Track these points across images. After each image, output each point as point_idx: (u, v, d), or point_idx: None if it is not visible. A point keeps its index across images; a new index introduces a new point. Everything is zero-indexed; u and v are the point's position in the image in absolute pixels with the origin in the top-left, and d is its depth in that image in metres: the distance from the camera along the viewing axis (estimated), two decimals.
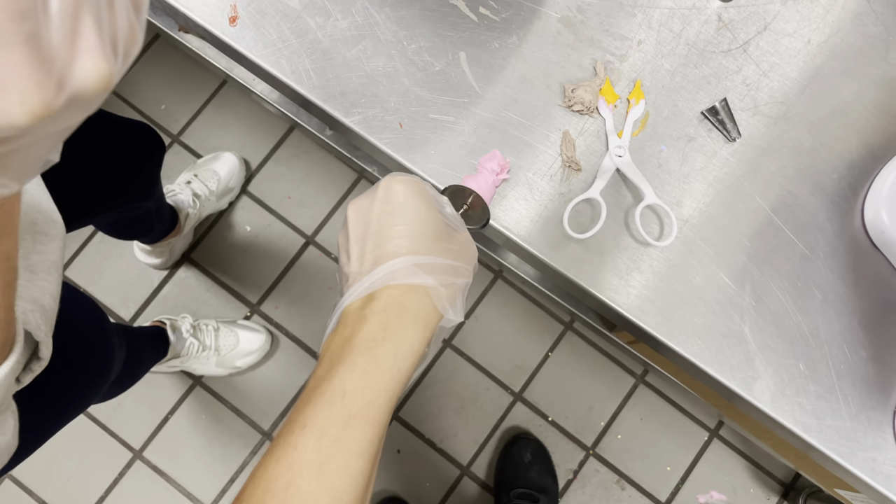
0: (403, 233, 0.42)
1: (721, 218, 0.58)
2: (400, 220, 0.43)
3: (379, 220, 0.43)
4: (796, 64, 0.60)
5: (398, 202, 0.43)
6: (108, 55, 0.22)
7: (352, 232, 0.45)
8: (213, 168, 1.54)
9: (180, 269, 1.58)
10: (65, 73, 0.21)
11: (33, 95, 0.20)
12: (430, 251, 0.42)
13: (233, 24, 0.58)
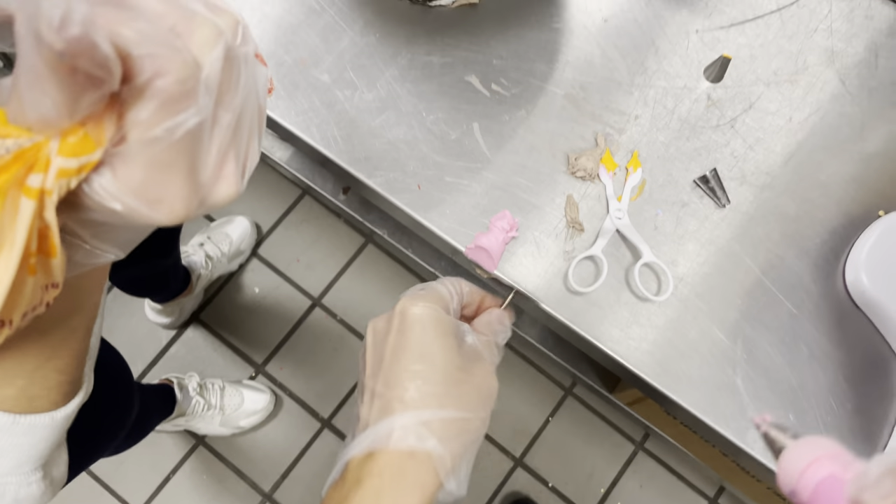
0: (413, 377, 0.41)
1: (714, 277, 0.62)
2: (411, 359, 0.42)
3: (392, 355, 0.42)
4: (779, 139, 0.66)
5: (413, 337, 0.42)
6: (239, 179, 0.28)
7: (368, 359, 0.45)
8: (226, 231, 1.60)
9: (189, 329, 1.62)
10: (207, 194, 0.27)
11: (178, 209, 0.26)
12: (439, 402, 0.41)
13: (269, 95, 0.64)
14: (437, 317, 0.43)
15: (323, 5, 0.67)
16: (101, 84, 0.22)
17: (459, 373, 0.42)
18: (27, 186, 0.23)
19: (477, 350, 0.45)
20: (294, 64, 0.65)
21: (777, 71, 0.67)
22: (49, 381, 0.37)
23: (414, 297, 0.44)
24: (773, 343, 0.61)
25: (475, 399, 0.42)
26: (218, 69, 0.25)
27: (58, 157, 0.23)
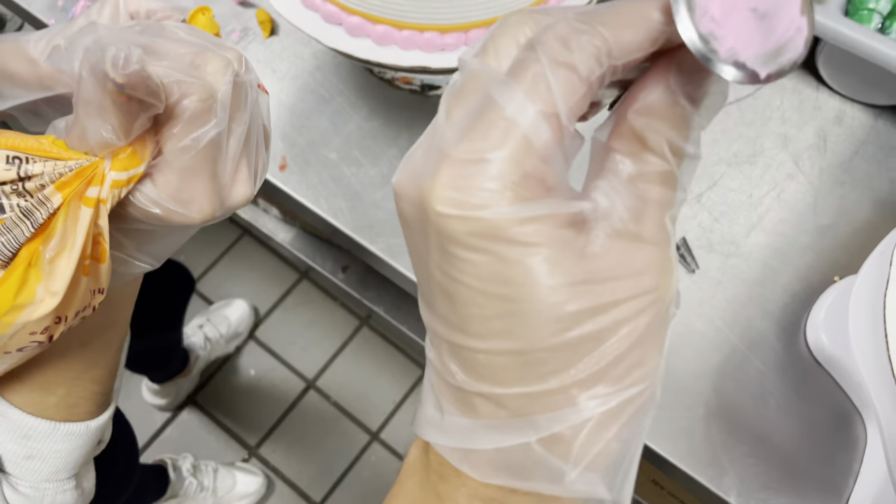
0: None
1: (687, 335, 0.68)
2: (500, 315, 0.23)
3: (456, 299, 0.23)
4: (741, 213, 0.73)
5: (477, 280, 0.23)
6: (252, 183, 0.37)
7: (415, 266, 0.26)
8: (225, 314, 1.65)
9: (184, 412, 1.64)
10: (226, 195, 0.35)
11: (206, 207, 0.34)
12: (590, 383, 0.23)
13: (282, 171, 0.72)
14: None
15: (332, 93, 0.75)
16: (151, 108, 0.30)
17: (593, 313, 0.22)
18: (86, 197, 0.30)
19: (621, 232, 0.23)
20: (306, 144, 0.73)
21: (737, 153, 0.76)
22: (86, 391, 0.42)
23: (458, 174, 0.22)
24: (742, 396, 0.66)
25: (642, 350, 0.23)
26: (229, 91, 0.34)
27: (111, 172, 0.30)
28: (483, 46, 0.24)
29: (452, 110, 0.23)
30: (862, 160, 0.76)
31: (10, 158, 0.30)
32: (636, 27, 0.22)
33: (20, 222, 0.30)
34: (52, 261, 0.30)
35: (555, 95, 0.21)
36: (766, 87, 0.79)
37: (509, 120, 0.21)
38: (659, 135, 0.23)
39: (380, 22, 0.60)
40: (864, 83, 0.77)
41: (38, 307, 0.31)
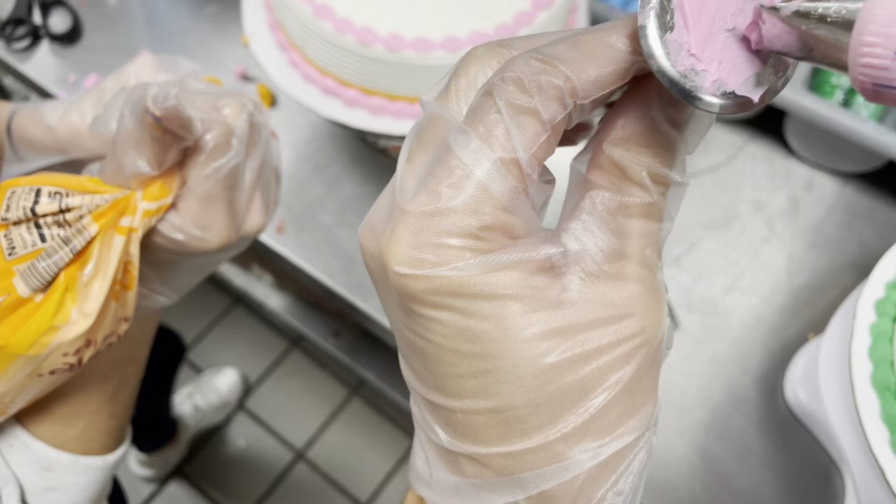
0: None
1: (670, 391, 0.70)
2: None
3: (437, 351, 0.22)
4: (719, 274, 0.76)
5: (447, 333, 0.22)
6: (264, 213, 0.41)
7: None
8: (215, 383, 1.65)
9: (171, 483, 1.61)
10: (241, 223, 0.39)
11: (224, 232, 0.38)
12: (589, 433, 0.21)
13: (280, 233, 0.75)
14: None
15: (328, 161, 0.79)
16: (182, 140, 0.34)
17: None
18: (119, 226, 0.34)
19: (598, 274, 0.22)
20: (302, 209, 0.76)
21: (713, 218, 0.79)
22: (105, 424, 0.44)
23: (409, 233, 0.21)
24: (725, 451, 0.68)
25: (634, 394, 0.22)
26: (245, 128, 0.39)
27: (142, 202, 0.34)
28: (445, 86, 0.23)
29: (413, 156, 0.22)
30: (832, 224, 0.80)
31: (52, 193, 0.33)
32: (601, 62, 0.21)
33: (60, 249, 0.33)
34: (87, 284, 0.33)
35: (515, 143, 0.20)
36: (739, 155, 0.84)
37: (467, 170, 0.20)
38: (640, 164, 0.21)
39: (374, 94, 0.64)
40: (831, 152, 0.82)
41: (72, 328, 0.33)
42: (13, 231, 0.33)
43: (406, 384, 0.24)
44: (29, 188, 0.34)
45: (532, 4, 0.63)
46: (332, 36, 0.60)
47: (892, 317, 0.56)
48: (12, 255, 0.33)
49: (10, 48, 0.85)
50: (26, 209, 0.33)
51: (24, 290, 0.33)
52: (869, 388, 0.54)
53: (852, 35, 0.17)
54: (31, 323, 0.33)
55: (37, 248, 0.33)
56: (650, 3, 0.19)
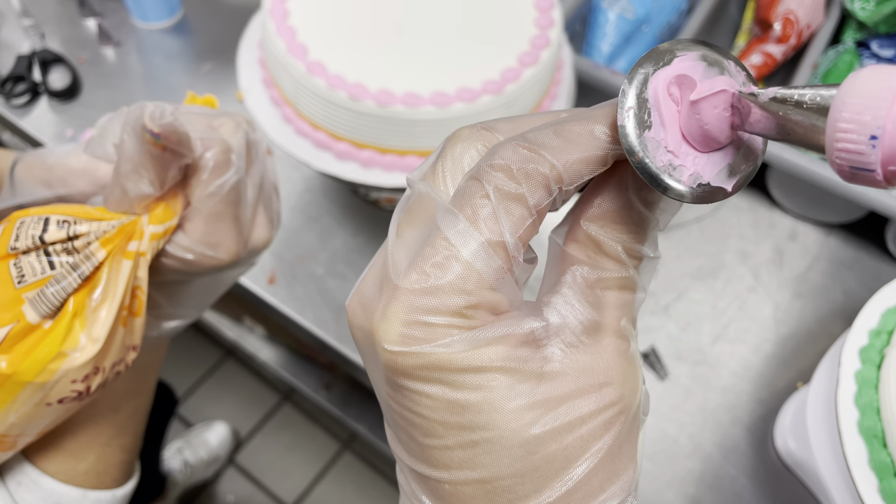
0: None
1: (660, 441, 0.70)
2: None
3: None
4: (706, 322, 0.77)
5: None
6: (269, 226, 0.43)
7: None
8: (205, 437, 1.63)
9: None
10: (248, 237, 0.40)
11: (232, 248, 0.39)
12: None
13: (271, 284, 0.75)
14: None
15: (320, 213, 0.80)
16: (182, 157, 0.35)
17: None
18: (127, 251, 0.34)
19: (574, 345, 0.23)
20: (294, 260, 0.77)
21: (699, 267, 0.81)
22: (114, 458, 0.44)
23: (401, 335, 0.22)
24: (717, 501, 0.67)
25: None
26: (242, 145, 0.40)
27: (149, 226, 0.35)
28: (432, 166, 0.24)
29: (402, 230, 0.23)
30: (817, 274, 0.81)
31: (61, 222, 0.34)
32: (585, 151, 0.22)
33: (68, 274, 0.34)
34: (95, 309, 0.34)
35: (502, 227, 0.21)
36: (724, 206, 0.85)
37: (454, 250, 0.21)
38: (615, 240, 0.23)
39: (365, 147, 0.66)
40: (813, 203, 0.83)
41: (80, 354, 0.34)
42: (23, 260, 0.34)
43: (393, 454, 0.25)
44: (38, 217, 0.34)
45: (518, 61, 0.65)
46: (325, 92, 0.62)
47: (876, 364, 0.57)
48: (22, 283, 0.34)
49: (10, 104, 0.87)
50: (35, 237, 0.34)
51: (33, 316, 0.33)
52: (856, 436, 0.55)
53: (827, 122, 0.18)
54: (39, 349, 0.33)
55: (46, 276, 0.34)
56: (628, 103, 0.21)
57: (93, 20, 0.96)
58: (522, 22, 0.68)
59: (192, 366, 1.75)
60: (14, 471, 0.41)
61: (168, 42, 0.95)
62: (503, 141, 0.22)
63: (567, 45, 0.76)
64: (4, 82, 0.88)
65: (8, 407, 0.35)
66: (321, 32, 0.65)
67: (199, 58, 0.94)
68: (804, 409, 0.69)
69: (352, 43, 0.65)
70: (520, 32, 0.67)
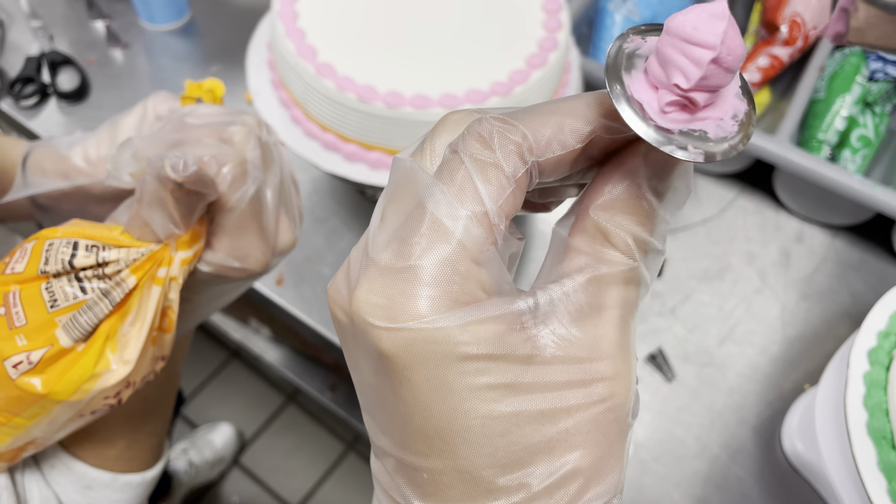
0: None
1: (668, 443, 0.70)
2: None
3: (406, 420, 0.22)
4: (713, 324, 0.77)
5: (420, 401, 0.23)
6: (293, 228, 0.43)
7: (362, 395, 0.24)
8: (210, 438, 1.63)
9: None
10: (274, 243, 0.40)
11: (261, 258, 0.40)
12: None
13: (279, 285, 0.76)
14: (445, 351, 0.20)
15: (328, 214, 0.81)
16: (206, 197, 0.35)
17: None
18: (157, 277, 0.34)
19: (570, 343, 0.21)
20: (302, 261, 0.78)
21: (706, 269, 0.81)
22: (143, 443, 0.45)
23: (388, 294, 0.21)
24: (724, 503, 0.68)
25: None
26: (257, 154, 0.39)
27: (178, 252, 0.35)
28: (420, 145, 0.24)
29: (386, 212, 0.22)
30: (823, 275, 0.81)
31: (89, 247, 0.34)
32: (557, 124, 0.22)
33: (100, 301, 0.34)
34: (126, 334, 0.34)
35: (482, 194, 0.21)
36: (730, 209, 0.85)
37: (438, 222, 0.20)
38: (624, 230, 0.22)
39: (373, 149, 0.66)
40: (820, 206, 0.83)
41: (112, 375, 0.35)
42: (54, 284, 0.34)
43: (370, 438, 0.24)
44: (66, 241, 0.35)
45: (527, 63, 0.65)
46: (334, 93, 0.62)
47: (885, 365, 0.57)
48: (54, 308, 0.34)
49: (19, 105, 0.87)
50: (64, 262, 0.34)
51: (66, 341, 0.34)
52: (865, 438, 0.55)
53: None
54: (73, 371, 0.34)
55: (78, 301, 0.34)
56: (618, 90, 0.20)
57: (101, 22, 0.96)
58: (530, 24, 0.68)
59: (197, 367, 1.75)
60: (47, 456, 0.43)
61: (176, 44, 0.96)
62: (482, 117, 0.22)
63: (575, 48, 0.76)
64: (13, 84, 0.88)
65: (40, 419, 0.35)
66: (330, 34, 0.65)
67: (207, 59, 0.94)
68: (812, 411, 0.69)
69: (361, 45, 0.65)
70: (528, 35, 0.67)
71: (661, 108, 0.20)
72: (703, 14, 0.18)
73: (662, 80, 0.20)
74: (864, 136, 0.82)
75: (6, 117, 0.89)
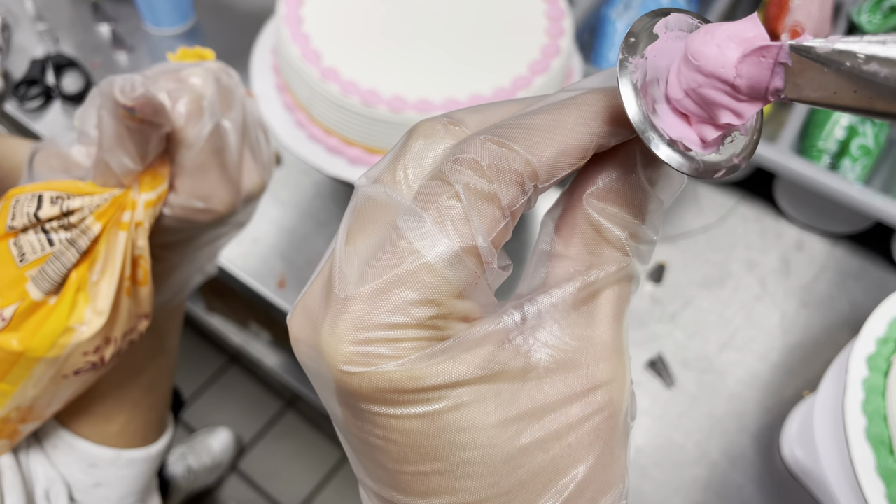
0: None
1: (667, 448, 0.70)
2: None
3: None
4: (713, 331, 0.77)
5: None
6: (259, 171, 0.42)
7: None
8: (208, 443, 1.63)
9: None
10: (239, 184, 0.40)
11: (225, 197, 0.40)
12: None
13: (281, 288, 0.76)
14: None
15: (330, 217, 0.81)
16: (160, 127, 0.36)
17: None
18: (122, 222, 0.35)
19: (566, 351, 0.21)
20: (304, 264, 0.78)
21: (706, 276, 0.81)
22: (144, 418, 0.45)
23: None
24: None
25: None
26: (213, 92, 0.39)
27: (141, 194, 0.35)
28: (389, 166, 0.21)
29: (354, 236, 0.20)
30: (823, 283, 0.81)
31: (54, 199, 0.34)
32: (560, 144, 0.20)
33: (67, 250, 0.34)
34: (96, 283, 0.35)
35: (474, 229, 0.19)
36: (730, 216, 0.86)
37: (418, 255, 0.18)
38: (617, 222, 0.21)
39: (377, 153, 0.66)
40: (820, 214, 0.84)
41: (87, 327, 0.35)
42: (22, 238, 0.35)
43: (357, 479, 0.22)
44: (31, 195, 0.35)
45: (529, 69, 0.65)
46: (338, 97, 0.63)
47: (883, 371, 0.57)
48: (23, 262, 0.34)
49: (24, 107, 0.88)
50: (30, 215, 0.34)
51: (37, 294, 0.34)
52: (864, 443, 0.55)
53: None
54: (47, 326, 0.34)
55: (46, 253, 0.34)
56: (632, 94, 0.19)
57: (106, 25, 0.97)
58: (533, 31, 0.68)
59: (196, 372, 1.75)
60: (49, 436, 0.43)
61: (180, 48, 0.96)
62: (471, 136, 0.20)
63: (577, 55, 0.76)
64: (18, 86, 0.88)
65: (25, 382, 0.36)
66: (335, 39, 0.66)
67: None
68: (811, 417, 0.69)
69: (365, 50, 0.66)
70: (531, 41, 0.68)
71: (705, 142, 0.19)
72: (739, 50, 0.17)
73: (702, 116, 0.19)
74: (863, 146, 0.83)
75: (10, 119, 0.89)
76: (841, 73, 0.16)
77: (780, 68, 0.17)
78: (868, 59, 0.15)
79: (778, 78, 0.17)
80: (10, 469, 0.40)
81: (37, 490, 0.41)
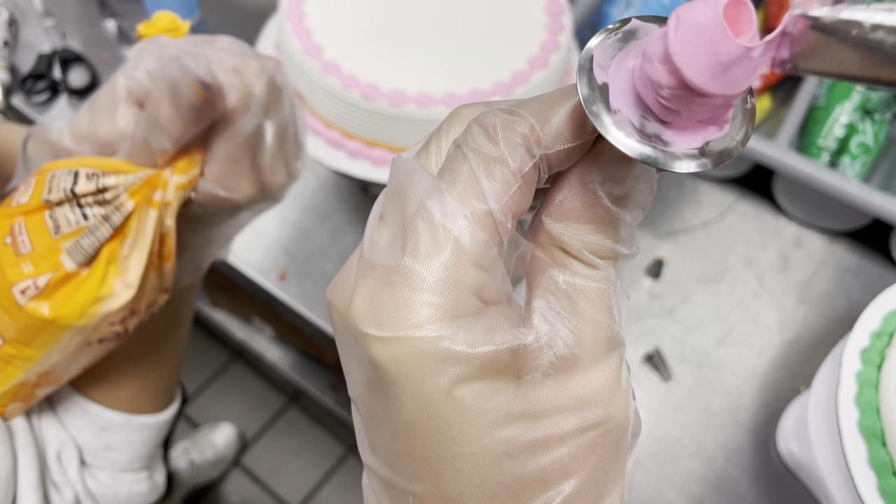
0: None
1: (663, 442, 0.71)
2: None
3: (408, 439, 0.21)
4: (711, 326, 0.78)
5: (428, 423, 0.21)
6: (285, 174, 0.43)
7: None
8: (211, 437, 1.64)
9: None
10: (265, 182, 0.41)
11: (247, 191, 0.41)
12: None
13: (282, 280, 0.77)
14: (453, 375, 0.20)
15: (331, 211, 0.82)
16: (216, 111, 0.37)
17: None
18: (153, 201, 0.36)
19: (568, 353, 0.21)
20: (305, 258, 0.79)
21: (705, 272, 0.81)
22: (155, 385, 0.46)
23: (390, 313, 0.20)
24: (719, 502, 0.68)
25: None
26: (263, 91, 0.40)
27: (174, 177, 0.36)
28: (426, 143, 0.22)
29: (386, 213, 0.21)
30: (821, 280, 0.82)
31: (90, 175, 0.36)
32: (563, 112, 0.20)
33: (101, 225, 0.36)
34: (127, 257, 0.36)
35: (485, 192, 0.19)
36: (729, 213, 0.86)
37: (437, 224, 0.19)
38: (580, 241, 0.20)
39: (377, 146, 0.67)
40: (819, 211, 0.84)
41: (116, 299, 0.36)
42: (57, 211, 0.36)
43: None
44: (67, 170, 0.36)
45: (528, 64, 0.66)
46: (339, 91, 0.64)
47: (877, 365, 0.57)
48: (58, 234, 0.35)
49: (30, 101, 0.89)
50: (66, 190, 0.35)
51: (70, 265, 0.35)
52: (856, 435, 0.55)
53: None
54: (78, 295, 0.35)
55: (80, 226, 0.35)
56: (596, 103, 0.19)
57: (112, 21, 0.98)
58: (533, 26, 0.69)
59: (200, 367, 1.77)
60: (62, 399, 0.44)
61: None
62: (487, 110, 0.21)
63: (576, 51, 0.77)
64: (25, 80, 0.90)
65: (52, 347, 0.37)
66: (336, 34, 0.67)
67: None
68: (806, 413, 0.70)
69: (366, 44, 0.67)
70: (530, 36, 0.68)
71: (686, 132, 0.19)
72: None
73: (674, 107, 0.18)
74: (863, 144, 0.83)
75: (17, 112, 0.90)
76: (847, 41, 0.16)
77: (785, 39, 0.17)
78: (874, 27, 0.15)
79: (784, 48, 0.17)
80: (23, 430, 0.41)
81: (49, 452, 0.43)
